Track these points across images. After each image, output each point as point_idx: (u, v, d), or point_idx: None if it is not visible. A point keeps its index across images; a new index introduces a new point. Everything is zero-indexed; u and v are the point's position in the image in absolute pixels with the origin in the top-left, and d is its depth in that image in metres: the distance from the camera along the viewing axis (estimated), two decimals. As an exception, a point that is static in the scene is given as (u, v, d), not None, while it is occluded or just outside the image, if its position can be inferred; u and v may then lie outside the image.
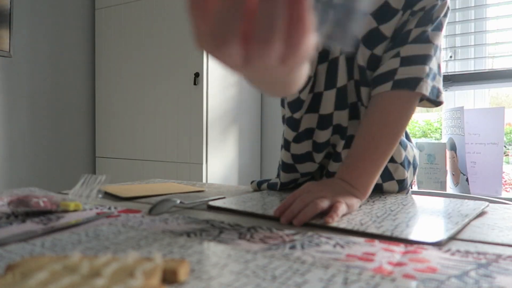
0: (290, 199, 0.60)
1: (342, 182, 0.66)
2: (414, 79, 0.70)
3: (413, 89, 0.70)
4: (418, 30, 0.73)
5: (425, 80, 0.70)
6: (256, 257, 0.39)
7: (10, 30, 1.79)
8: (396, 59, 0.72)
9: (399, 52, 0.72)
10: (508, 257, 0.42)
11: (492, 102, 1.88)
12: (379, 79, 0.73)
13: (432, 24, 0.73)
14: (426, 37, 0.72)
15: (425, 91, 0.70)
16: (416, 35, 0.72)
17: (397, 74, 0.71)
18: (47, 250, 0.43)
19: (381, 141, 0.69)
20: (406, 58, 0.71)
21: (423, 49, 0.72)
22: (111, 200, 0.76)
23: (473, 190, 1.57)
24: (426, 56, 0.72)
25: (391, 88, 0.70)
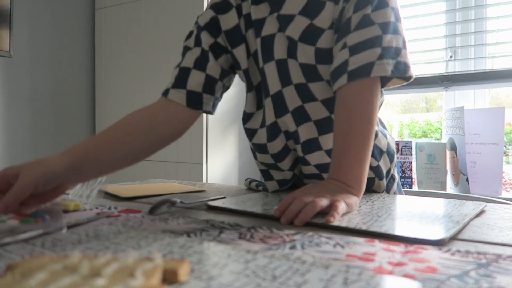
0: (289, 199, 0.60)
1: (335, 181, 0.67)
2: (367, 65, 0.69)
3: (369, 75, 0.69)
4: (357, 15, 0.71)
5: (379, 62, 0.69)
6: (256, 257, 0.39)
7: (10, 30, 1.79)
8: (344, 50, 0.71)
9: (346, 42, 0.72)
10: (508, 257, 0.42)
11: (492, 102, 1.88)
12: (334, 74, 0.72)
13: (371, 4, 0.71)
14: (368, 19, 0.71)
15: (384, 72, 0.69)
16: (357, 21, 0.71)
17: (349, 65, 0.70)
18: (47, 250, 0.43)
19: (356, 134, 0.69)
20: (354, 47, 0.70)
21: (368, 33, 0.70)
22: (111, 200, 0.76)
23: (473, 190, 1.57)
24: (374, 38, 0.70)
25: (348, 81, 0.70)
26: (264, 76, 0.81)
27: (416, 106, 2.10)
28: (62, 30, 2.05)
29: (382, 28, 0.71)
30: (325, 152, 0.80)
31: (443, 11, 1.81)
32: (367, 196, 0.77)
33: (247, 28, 0.83)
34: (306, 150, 0.81)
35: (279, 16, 0.78)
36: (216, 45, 0.83)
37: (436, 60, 1.84)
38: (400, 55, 0.71)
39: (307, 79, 0.78)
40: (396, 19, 0.73)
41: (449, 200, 0.74)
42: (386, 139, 0.84)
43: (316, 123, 0.79)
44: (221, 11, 0.84)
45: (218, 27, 0.83)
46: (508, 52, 1.77)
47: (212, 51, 0.83)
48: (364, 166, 0.68)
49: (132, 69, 1.98)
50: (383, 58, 0.69)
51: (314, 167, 0.82)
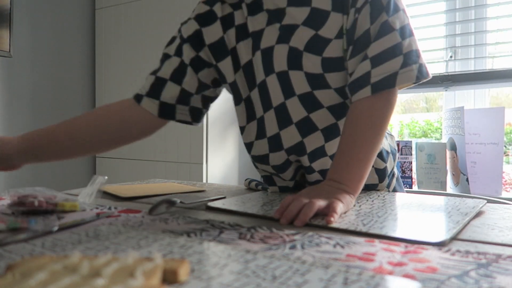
0: (287, 200, 0.60)
1: (332, 182, 0.67)
2: (391, 76, 0.68)
3: (394, 86, 0.68)
4: (375, 25, 0.70)
5: (402, 71, 0.68)
6: (256, 257, 0.39)
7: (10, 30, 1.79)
8: (366, 62, 0.69)
9: (367, 53, 0.70)
10: (508, 257, 0.42)
11: (492, 102, 1.88)
12: (355, 85, 0.70)
13: (385, 11, 0.70)
14: (387, 26, 0.69)
15: (409, 79, 0.69)
16: (377, 31, 0.70)
17: (371, 76, 0.68)
18: (47, 250, 0.43)
19: (363, 138, 0.68)
20: (375, 57, 0.69)
21: (389, 41, 0.69)
22: (111, 200, 0.76)
23: (473, 190, 1.57)
24: (395, 46, 0.69)
25: (372, 93, 0.68)
26: (266, 89, 0.78)
27: (416, 106, 2.10)
28: (62, 30, 2.05)
29: (401, 33, 0.70)
30: (329, 158, 0.79)
31: (443, 11, 1.81)
32: (367, 195, 0.77)
33: (239, 39, 0.79)
34: (312, 159, 0.79)
35: (282, 26, 0.75)
36: (197, 59, 0.82)
37: (436, 60, 1.84)
38: (420, 57, 0.70)
39: (312, 87, 0.75)
40: (408, 20, 0.72)
41: (449, 198, 0.74)
42: (387, 140, 0.84)
43: (323, 131, 0.77)
44: (205, 23, 0.81)
45: (202, 40, 0.81)
46: (508, 52, 1.77)
47: (192, 66, 0.82)
48: (364, 168, 0.68)
49: (132, 69, 1.98)
50: (406, 65, 0.68)
51: (317, 173, 0.81)
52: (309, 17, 0.74)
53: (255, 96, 0.80)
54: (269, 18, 0.76)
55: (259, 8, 0.77)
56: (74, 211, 0.64)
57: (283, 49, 0.75)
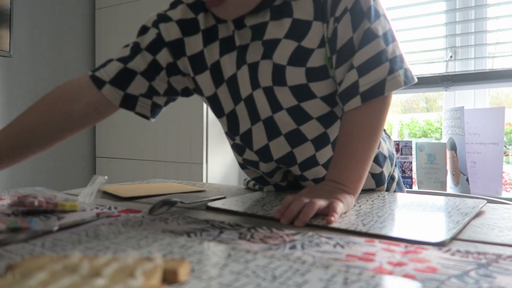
0: (288, 200, 0.60)
1: (331, 182, 0.67)
2: (379, 84, 0.68)
3: (383, 94, 0.68)
4: (358, 32, 0.69)
5: (389, 77, 0.68)
6: (256, 257, 0.39)
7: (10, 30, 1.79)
8: (352, 72, 0.69)
9: (352, 63, 0.69)
10: (508, 257, 0.42)
11: (492, 102, 1.88)
12: (345, 95, 0.70)
13: (367, 17, 0.69)
14: (370, 33, 0.69)
15: (397, 85, 0.68)
16: (360, 38, 0.69)
17: (360, 86, 0.68)
18: (47, 250, 0.43)
19: (360, 139, 0.68)
20: (361, 66, 0.68)
21: (373, 48, 0.68)
22: (111, 200, 0.76)
23: (473, 190, 1.57)
24: (380, 53, 0.68)
25: (362, 102, 0.68)
26: (253, 103, 0.76)
27: (416, 106, 2.10)
28: (62, 30, 2.05)
29: (384, 39, 0.69)
30: (322, 166, 0.79)
31: (443, 11, 1.81)
32: (367, 195, 0.77)
33: (223, 53, 0.77)
34: (303, 168, 0.79)
35: (264, 42, 0.73)
36: (173, 65, 0.80)
37: (436, 60, 1.84)
38: (404, 62, 0.70)
39: (298, 99, 0.74)
40: (390, 25, 0.71)
41: (449, 198, 0.74)
42: (385, 144, 0.84)
43: (313, 141, 0.77)
44: (188, 33, 0.78)
45: (183, 50, 0.78)
46: (508, 52, 1.77)
47: (167, 70, 0.80)
48: (362, 169, 0.68)
49: (132, 69, 1.98)
50: (393, 71, 0.68)
51: (311, 181, 0.81)
52: (291, 28, 0.72)
53: (241, 110, 0.78)
54: (252, 34, 0.74)
55: (243, 24, 0.74)
56: (74, 211, 0.64)
57: (267, 65, 0.74)
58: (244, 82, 0.76)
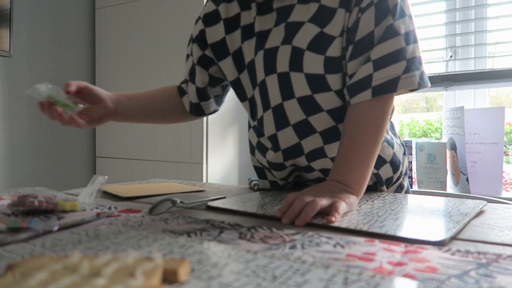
0: (290, 199, 0.60)
1: (335, 182, 0.67)
2: (392, 81, 0.68)
3: (395, 90, 0.68)
4: (381, 27, 0.69)
5: (404, 76, 0.68)
6: (257, 257, 0.39)
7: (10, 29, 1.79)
8: (368, 65, 0.69)
9: (369, 56, 0.69)
10: (508, 256, 0.42)
11: (492, 102, 1.88)
12: (356, 87, 0.70)
13: (392, 14, 0.69)
14: (392, 30, 0.69)
15: (411, 85, 0.68)
16: (381, 33, 0.69)
17: (373, 80, 0.68)
18: (47, 250, 0.43)
19: (363, 140, 0.68)
20: (378, 61, 0.68)
21: (393, 45, 0.68)
22: (112, 200, 0.76)
23: (473, 190, 1.57)
24: (399, 50, 0.68)
25: (372, 96, 0.68)
26: (265, 89, 0.78)
27: (416, 106, 2.10)
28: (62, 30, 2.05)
29: (405, 38, 0.69)
30: (330, 160, 0.79)
31: (443, 11, 1.81)
32: (368, 195, 0.77)
33: (244, 39, 0.81)
34: (310, 159, 0.79)
35: (287, 24, 0.75)
36: (204, 57, 0.87)
37: (436, 60, 1.84)
38: (422, 65, 0.70)
39: (313, 90, 0.74)
40: (414, 27, 0.72)
41: (449, 199, 0.74)
42: (392, 149, 0.82)
43: (321, 133, 0.77)
44: (209, 23, 0.84)
45: (205, 40, 0.86)
46: (508, 51, 1.76)
47: (200, 64, 0.88)
48: (367, 171, 0.68)
49: (132, 68, 1.98)
50: (409, 71, 0.68)
51: (318, 172, 0.81)
52: (316, 14, 0.73)
53: (257, 95, 0.81)
54: (277, 18, 0.76)
55: (269, 8, 0.77)
56: (74, 211, 0.64)
57: (286, 49, 0.75)
58: (259, 67, 0.79)
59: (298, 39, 0.74)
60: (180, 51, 1.85)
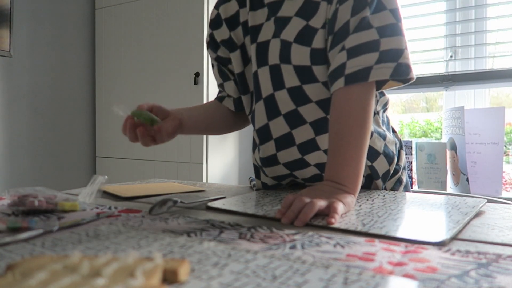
0: (288, 200, 0.60)
1: (330, 182, 0.67)
2: (364, 70, 0.69)
3: (366, 80, 0.69)
4: (356, 18, 0.71)
5: (376, 66, 0.69)
6: (257, 257, 0.39)
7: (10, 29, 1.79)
8: (342, 53, 0.71)
9: (344, 45, 0.71)
10: (508, 256, 0.42)
11: (493, 102, 1.88)
12: (332, 76, 0.72)
13: (369, 7, 0.71)
14: (366, 22, 0.70)
15: (382, 76, 0.69)
16: (356, 24, 0.71)
17: (346, 68, 0.70)
18: (47, 250, 0.43)
19: (350, 136, 0.69)
20: (352, 49, 0.70)
21: (366, 36, 0.70)
22: (112, 200, 0.76)
23: (474, 190, 1.57)
24: (371, 42, 0.69)
25: (345, 84, 0.69)
26: (257, 80, 0.82)
27: (416, 106, 2.10)
28: (62, 30, 2.05)
29: (379, 31, 0.70)
30: (323, 152, 0.80)
31: (443, 11, 1.81)
32: (367, 194, 0.77)
33: (245, 35, 0.86)
34: (303, 151, 0.81)
35: (276, 18, 0.79)
36: (219, 58, 0.92)
37: (436, 60, 1.84)
38: (402, 57, 0.70)
39: (301, 81, 0.78)
40: (397, 20, 0.72)
41: (449, 197, 0.74)
42: (383, 141, 0.83)
43: (312, 124, 0.79)
44: (215, 27, 0.89)
45: (215, 41, 0.90)
46: (508, 51, 1.76)
47: (221, 64, 0.92)
48: (358, 166, 0.68)
49: (132, 68, 1.98)
50: (381, 62, 0.69)
51: (314, 167, 0.82)
52: (302, 7, 0.77)
53: (252, 88, 0.86)
54: (268, 13, 0.80)
55: (261, 3, 0.82)
56: (74, 211, 0.64)
57: (276, 43, 0.79)
58: (253, 60, 0.83)
59: (286, 32, 0.78)
60: (180, 51, 1.85)
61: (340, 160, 0.68)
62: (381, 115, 0.87)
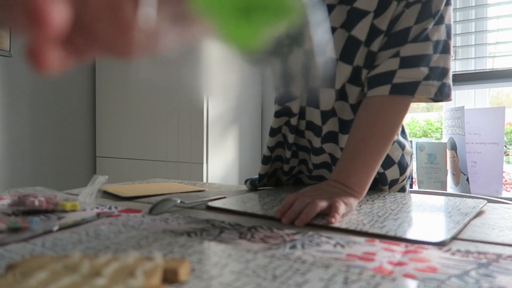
0: (290, 200, 0.60)
1: (336, 183, 0.67)
2: (412, 84, 0.68)
3: (412, 94, 0.68)
4: (418, 27, 0.69)
5: (424, 82, 0.68)
6: (257, 257, 0.39)
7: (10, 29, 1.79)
8: (395, 60, 0.69)
9: (399, 51, 0.69)
10: (509, 256, 0.42)
11: (493, 102, 1.88)
12: (377, 80, 0.70)
13: (433, 19, 0.69)
14: (426, 35, 0.69)
15: (427, 93, 0.68)
16: (416, 33, 0.69)
17: (395, 77, 0.68)
18: (47, 250, 0.43)
19: (372, 145, 0.68)
20: (406, 59, 0.69)
21: (422, 49, 0.69)
22: (112, 200, 0.76)
23: (474, 190, 1.57)
24: (425, 56, 0.69)
25: (390, 93, 0.68)
26: None
27: (416, 106, 2.10)
28: (63, 30, 2.05)
29: (434, 46, 0.69)
30: (339, 148, 0.81)
31: (443, 11, 1.81)
32: (368, 195, 0.77)
33: None
34: (324, 140, 0.81)
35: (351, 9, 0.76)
36: None
37: (436, 60, 1.84)
38: (447, 77, 0.69)
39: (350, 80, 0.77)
40: (448, 37, 0.71)
41: (449, 198, 0.74)
42: (401, 151, 0.82)
43: (340, 120, 0.80)
44: None
45: None
46: (509, 51, 1.76)
47: None
48: (370, 174, 0.68)
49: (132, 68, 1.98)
50: (429, 79, 0.68)
51: (327, 155, 0.82)
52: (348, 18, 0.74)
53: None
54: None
55: None
56: (75, 210, 0.64)
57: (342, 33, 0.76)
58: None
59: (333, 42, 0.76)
60: (180, 51, 1.85)
61: (354, 165, 0.68)
62: None
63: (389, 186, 0.83)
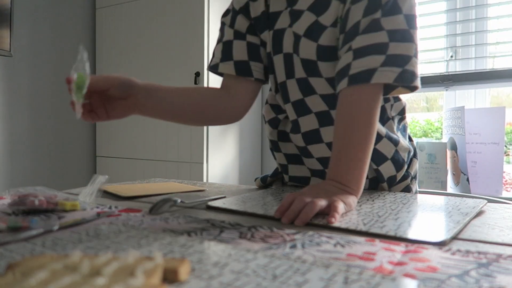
0: (288, 199, 0.60)
1: (333, 182, 0.67)
2: (368, 71, 0.68)
3: (368, 81, 0.68)
4: (366, 19, 0.71)
5: (381, 69, 0.68)
6: (257, 257, 0.39)
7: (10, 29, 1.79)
8: (349, 53, 0.71)
9: (351, 45, 0.71)
10: (509, 256, 0.42)
11: (493, 102, 1.88)
12: (338, 76, 0.73)
13: (381, 9, 0.70)
14: (377, 24, 0.70)
15: (386, 79, 0.68)
16: (365, 25, 0.70)
17: (351, 68, 0.70)
18: (47, 249, 0.43)
19: (354, 136, 0.69)
20: (358, 50, 0.70)
21: (374, 38, 0.69)
22: (112, 200, 0.76)
23: (474, 190, 1.57)
24: (379, 44, 0.69)
25: (348, 85, 0.69)
26: (273, 66, 0.85)
27: (416, 106, 2.10)
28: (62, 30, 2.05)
29: (390, 35, 0.69)
30: (326, 145, 0.81)
31: (443, 11, 1.81)
32: (368, 194, 0.77)
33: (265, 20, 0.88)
34: (307, 140, 0.83)
35: (291, 11, 0.81)
36: (251, 27, 0.87)
37: (436, 60, 1.84)
38: (409, 64, 0.69)
39: (307, 73, 0.80)
40: (410, 26, 0.70)
41: (449, 198, 0.74)
42: (394, 147, 0.81)
43: (316, 115, 0.82)
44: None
45: (249, 12, 0.87)
46: (509, 51, 1.76)
47: (248, 32, 0.87)
48: (363, 168, 0.68)
49: (132, 68, 1.98)
50: (386, 65, 0.68)
51: (317, 161, 0.83)
52: (314, 2, 0.78)
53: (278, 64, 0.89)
54: (287, 2, 0.82)
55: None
56: (75, 210, 0.64)
57: (290, 32, 0.81)
58: (271, 47, 0.85)
59: (297, 26, 0.80)
60: (180, 51, 1.85)
61: (345, 162, 0.68)
62: (396, 121, 0.86)
63: (389, 185, 0.83)
